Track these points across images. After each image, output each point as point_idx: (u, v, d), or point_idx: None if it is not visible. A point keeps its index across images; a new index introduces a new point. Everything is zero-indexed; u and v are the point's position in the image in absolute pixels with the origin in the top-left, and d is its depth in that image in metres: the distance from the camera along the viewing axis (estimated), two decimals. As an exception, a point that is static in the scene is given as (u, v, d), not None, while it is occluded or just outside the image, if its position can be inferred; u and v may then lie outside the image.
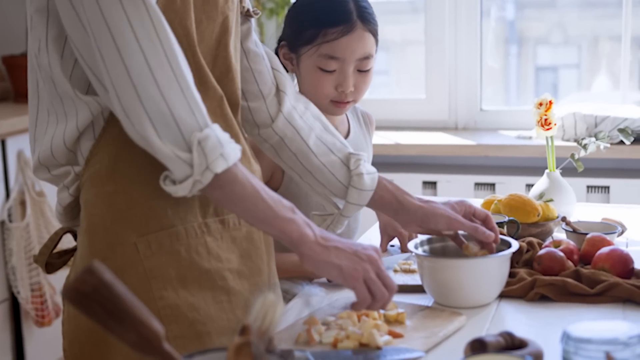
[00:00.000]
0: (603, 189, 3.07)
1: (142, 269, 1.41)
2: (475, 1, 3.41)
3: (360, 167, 1.67)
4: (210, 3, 1.47)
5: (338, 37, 1.83)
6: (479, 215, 1.67)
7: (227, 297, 1.48)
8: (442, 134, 3.40)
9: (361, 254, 1.38)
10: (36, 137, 1.47)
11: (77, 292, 1.01)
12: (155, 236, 1.42)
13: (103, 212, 1.42)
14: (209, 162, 1.29)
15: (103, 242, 1.42)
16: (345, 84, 1.86)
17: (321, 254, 1.36)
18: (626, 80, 3.32)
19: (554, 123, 2.13)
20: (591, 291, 1.61)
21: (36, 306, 2.99)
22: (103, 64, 1.30)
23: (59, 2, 1.34)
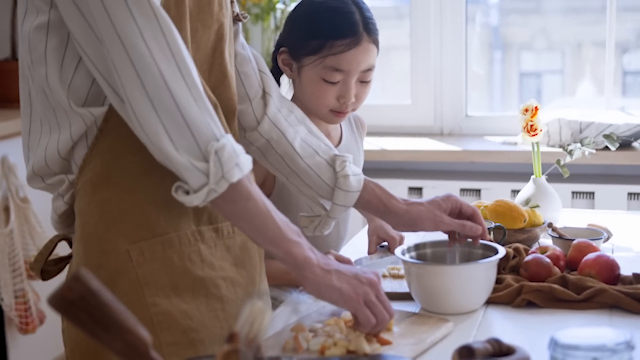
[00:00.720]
0: (588, 194, 3.08)
1: (134, 275, 1.41)
2: (460, 7, 3.42)
3: (346, 169, 1.67)
4: (206, 11, 1.48)
5: (345, 50, 1.81)
6: (465, 210, 1.68)
7: (221, 305, 1.47)
8: (427, 139, 3.41)
9: (361, 278, 1.40)
10: (30, 147, 1.47)
11: (64, 299, 1.00)
12: (148, 243, 1.42)
13: (96, 220, 1.42)
14: (225, 172, 1.30)
15: (96, 250, 1.42)
16: (347, 95, 1.86)
17: (323, 277, 1.37)
18: (610, 86, 3.33)
19: (540, 129, 2.13)
20: (578, 297, 1.61)
21: (20, 313, 2.97)
22: (118, 77, 1.31)
23: (70, 17, 1.34)
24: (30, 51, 1.41)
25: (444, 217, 1.65)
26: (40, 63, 1.40)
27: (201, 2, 1.47)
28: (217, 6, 1.50)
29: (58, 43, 1.39)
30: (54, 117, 1.42)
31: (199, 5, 1.46)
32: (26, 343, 3.09)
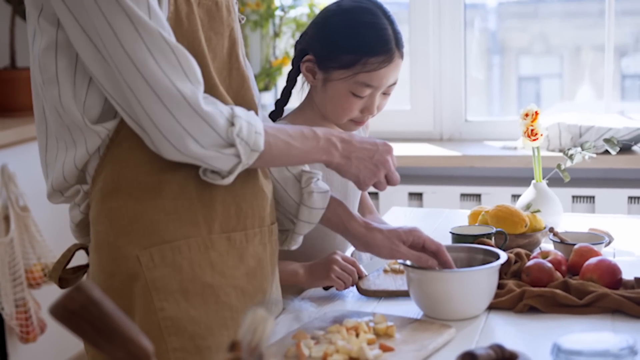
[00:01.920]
0: (588, 198, 3.08)
1: (144, 280, 1.43)
2: (458, 12, 3.43)
3: (312, 185, 1.67)
4: (216, 19, 1.49)
5: (379, 67, 1.80)
6: (429, 246, 1.65)
7: (230, 314, 1.48)
8: (427, 145, 3.41)
9: (376, 159, 1.58)
10: (47, 163, 1.51)
11: (65, 309, 0.99)
12: (158, 249, 1.44)
13: (107, 228, 1.45)
14: (252, 145, 1.40)
15: (109, 258, 1.45)
16: (372, 108, 1.85)
17: (344, 166, 1.55)
18: (609, 90, 3.34)
19: (540, 134, 2.13)
20: (580, 302, 1.61)
21: (21, 322, 2.96)
22: (133, 95, 1.35)
23: (76, 38, 1.38)
24: (41, 72, 1.44)
25: (400, 247, 1.64)
26: (52, 84, 1.43)
27: (210, 11, 1.48)
28: (225, 12, 1.51)
29: (68, 63, 1.42)
30: (69, 135, 1.46)
31: (209, 14, 1.48)
32: (27, 352, 3.09)
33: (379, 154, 1.59)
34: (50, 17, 1.41)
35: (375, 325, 1.50)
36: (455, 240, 1.90)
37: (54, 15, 1.40)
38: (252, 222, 1.54)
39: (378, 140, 1.61)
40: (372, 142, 1.59)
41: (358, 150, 1.56)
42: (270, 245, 1.60)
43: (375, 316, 1.54)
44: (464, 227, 1.94)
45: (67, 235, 1.57)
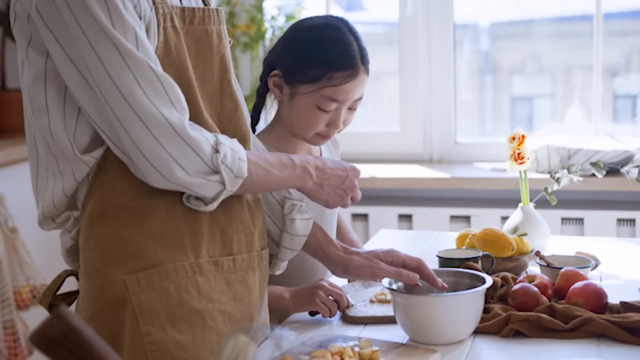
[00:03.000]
0: (577, 220, 3.09)
1: (131, 305, 1.44)
2: (448, 33, 3.44)
3: (294, 213, 1.69)
4: (205, 47, 1.51)
5: (344, 82, 1.82)
6: (408, 264, 1.68)
7: (216, 339, 1.48)
8: (417, 166, 3.41)
9: (346, 186, 1.66)
10: (38, 190, 1.52)
11: (45, 337, 0.99)
12: (145, 273, 1.45)
13: (95, 253, 1.46)
14: (236, 172, 1.44)
15: (96, 283, 1.46)
16: (337, 122, 1.87)
17: (316, 192, 1.63)
18: (598, 112, 3.35)
19: (527, 157, 2.14)
20: (565, 327, 1.61)
21: (9, 344, 2.95)
22: (120, 125, 1.37)
23: (63, 67, 1.39)
24: (31, 102, 1.46)
25: (379, 264, 1.67)
26: (41, 113, 1.45)
27: (199, 39, 1.50)
28: (216, 39, 1.53)
29: (57, 93, 1.43)
30: (56, 165, 1.47)
31: (198, 42, 1.50)
32: (15, 374, 3.07)
33: (349, 180, 1.67)
34: (39, 47, 1.42)
35: (361, 350, 1.50)
36: (441, 264, 1.90)
37: (42, 45, 1.41)
38: (238, 248, 1.55)
39: (347, 165, 1.68)
40: (342, 167, 1.66)
41: (330, 177, 1.64)
42: (260, 271, 1.60)
43: (360, 341, 1.53)
44: (450, 251, 1.94)
45: (56, 257, 1.58)
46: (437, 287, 1.66)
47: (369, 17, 4.00)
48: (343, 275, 1.71)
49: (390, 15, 3.61)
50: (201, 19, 1.51)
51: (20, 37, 1.45)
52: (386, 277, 1.66)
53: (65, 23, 1.36)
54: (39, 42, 1.42)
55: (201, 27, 1.51)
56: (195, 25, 1.50)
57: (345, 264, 1.69)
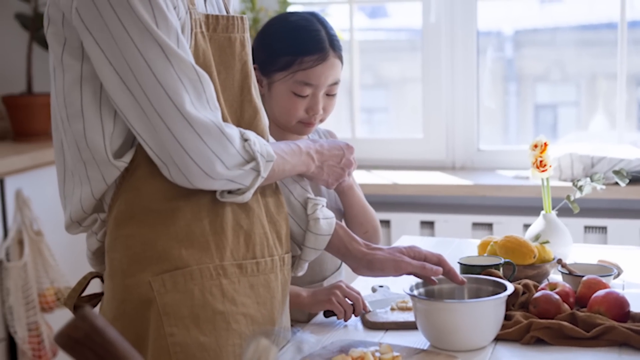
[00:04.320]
0: (600, 229, 3.07)
1: (155, 306, 1.45)
2: (471, 40, 3.44)
3: (317, 212, 1.69)
4: (227, 53, 1.54)
5: (313, 65, 1.90)
6: (430, 259, 1.70)
7: (239, 341, 1.49)
8: (439, 173, 3.41)
9: (342, 164, 1.74)
10: (65, 195, 1.54)
11: (69, 338, 1.00)
12: (170, 275, 1.46)
13: (121, 255, 1.48)
14: (266, 156, 1.49)
15: (122, 285, 1.48)
16: (316, 107, 1.93)
17: (317, 174, 1.71)
18: (622, 120, 3.33)
19: (549, 165, 2.14)
20: (587, 335, 1.61)
21: (33, 346, 2.98)
22: (163, 124, 1.40)
23: (103, 72, 1.41)
24: (66, 107, 1.47)
25: (404, 258, 1.68)
26: (76, 118, 1.46)
27: (222, 45, 1.52)
28: (239, 46, 1.55)
29: (92, 97, 1.45)
30: (84, 171, 1.49)
31: (220, 48, 1.53)
32: (38, 376, 3.09)
33: (345, 158, 1.76)
34: (74, 52, 1.44)
35: (381, 356, 1.50)
36: (463, 271, 1.90)
37: (77, 49, 1.43)
38: (261, 251, 1.56)
39: (342, 142, 1.78)
40: (338, 146, 1.75)
41: (329, 158, 1.72)
42: (282, 275, 1.61)
43: (381, 346, 1.54)
44: (472, 258, 1.95)
45: (80, 260, 1.59)
46: (457, 281, 1.68)
47: (393, 24, 4.01)
48: (366, 272, 1.71)
49: (414, 22, 3.62)
50: (225, 27, 1.53)
51: (54, 42, 1.47)
52: (410, 271, 1.67)
53: (107, 24, 1.38)
54: (74, 46, 1.44)
55: (224, 35, 1.53)
56: (218, 32, 1.52)
57: (369, 259, 1.69)
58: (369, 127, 3.98)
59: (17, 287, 2.94)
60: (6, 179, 2.96)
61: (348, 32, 3.60)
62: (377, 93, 4.06)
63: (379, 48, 3.93)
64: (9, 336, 3.00)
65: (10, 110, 3.41)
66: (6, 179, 2.96)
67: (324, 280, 2.04)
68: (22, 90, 3.50)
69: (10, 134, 3.52)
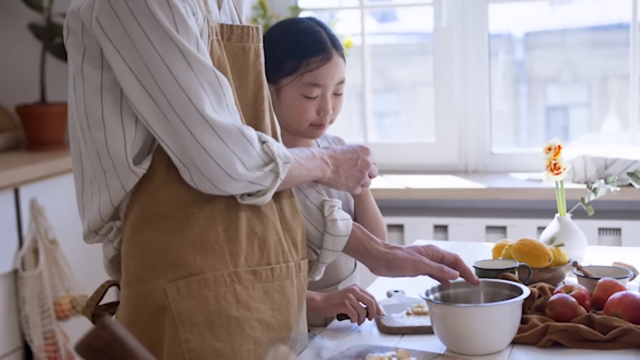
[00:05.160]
0: (615, 230, 3.07)
1: (170, 312, 1.46)
2: (483, 43, 3.44)
3: (335, 214, 1.71)
4: (240, 62, 1.55)
5: (320, 65, 1.93)
6: (447, 259, 1.71)
7: (254, 347, 1.50)
8: (452, 177, 3.41)
9: (359, 165, 1.74)
10: (84, 204, 1.56)
11: (90, 347, 1.01)
12: (184, 281, 1.47)
13: (135, 262, 1.49)
14: (283, 157, 1.51)
15: (136, 292, 1.49)
16: (326, 107, 1.95)
17: (334, 179, 1.71)
18: (635, 121, 3.33)
19: (564, 167, 2.14)
20: (604, 337, 1.61)
21: (49, 354, 2.99)
22: (185, 128, 1.42)
23: (124, 78, 1.43)
24: (87, 115, 1.48)
25: (423, 259, 1.69)
26: (97, 126, 1.48)
27: (235, 54, 1.53)
28: (253, 56, 1.56)
29: (113, 104, 1.47)
30: (104, 179, 1.50)
31: (234, 57, 1.54)
32: (55, 384, 3.11)
33: (361, 159, 1.76)
34: (94, 61, 1.45)
35: (398, 360, 1.51)
36: (478, 275, 1.89)
37: (97, 59, 1.45)
38: (276, 258, 1.56)
39: (355, 145, 1.78)
40: (351, 150, 1.76)
41: (343, 162, 1.73)
42: (298, 281, 1.61)
43: (398, 351, 1.54)
44: (487, 262, 1.94)
45: (95, 268, 1.61)
46: (473, 282, 1.69)
47: (404, 28, 4.02)
48: (385, 272, 1.72)
49: (425, 26, 3.62)
50: (239, 36, 1.54)
51: (74, 52, 1.48)
52: (428, 272, 1.68)
53: (127, 32, 1.40)
54: (94, 55, 1.45)
55: (238, 44, 1.54)
56: (232, 41, 1.54)
57: (388, 258, 1.70)
58: (379, 132, 3.98)
59: (33, 296, 2.95)
60: (21, 188, 2.97)
61: (359, 36, 3.60)
62: (388, 97, 4.07)
63: (389, 52, 3.93)
64: (25, 345, 3.02)
65: (24, 120, 3.43)
66: (21, 188, 2.97)
67: (338, 283, 2.05)
68: (36, 99, 3.52)
69: (24, 143, 3.54)
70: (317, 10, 3.78)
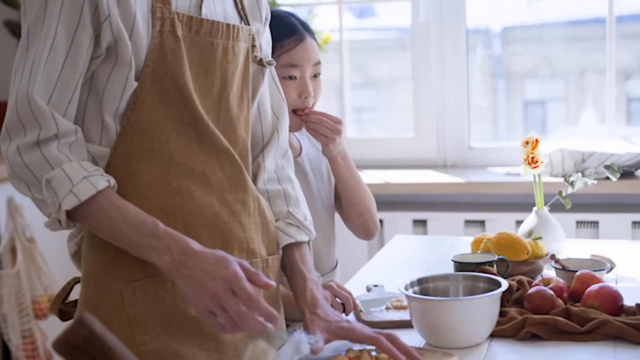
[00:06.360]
0: (592, 223, 3.09)
1: (125, 315, 1.45)
2: (460, 38, 3.45)
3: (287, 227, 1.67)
4: (207, 57, 1.52)
5: (294, 46, 2.00)
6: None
7: (215, 345, 1.48)
8: (431, 172, 3.42)
9: (207, 285, 1.33)
10: None
11: (68, 344, 1.01)
12: (140, 283, 1.46)
13: (94, 261, 1.47)
14: (60, 200, 1.37)
15: (94, 290, 1.47)
16: (307, 89, 2.00)
17: (179, 283, 1.36)
18: (612, 115, 3.35)
19: (541, 161, 2.15)
20: (581, 329, 1.61)
21: (27, 353, 2.97)
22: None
23: None
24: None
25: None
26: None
27: (203, 49, 1.51)
28: (221, 53, 1.53)
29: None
30: None
31: (201, 51, 1.51)
32: (34, 383, 3.09)
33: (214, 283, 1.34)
34: None
35: (378, 355, 1.51)
36: (457, 269, 1.91)
37: None
38: (239, 255, 1.55)
39: (230, 258, 1.37)
40: (217, 257, 1.37)
41: (194, 267, 1.36)
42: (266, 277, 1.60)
43: (377, 346, 1.54)
44: (466, 255, 1.95)
45: (73, 267, 1.59)
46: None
47: (382, 24, 4.02)
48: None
49: (403, 21, 3.63)
50: (208, 31, 1.51)
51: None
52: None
53: None
54: None
55: (207, 39, 1.51)
56: (201, 35, 1.50)
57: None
58: (359, 127, 3.99)
59: (11, 295, 2.93)
60: (-2, 186, 2.95)
61: (337, 32, 3.60)
62: (367, 92, 4.07)
63: (367, 48, 3.94)
64: (3, 344, 3.00)
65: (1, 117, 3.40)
66: (-2, 186, 2.95)
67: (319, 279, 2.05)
68: (12, 97, 3.48)
69: (0, 141, 3.51)
70: (295, 5, 3.77)
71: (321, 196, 2.09)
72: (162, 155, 1.47)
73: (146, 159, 1.46)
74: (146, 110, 1.45)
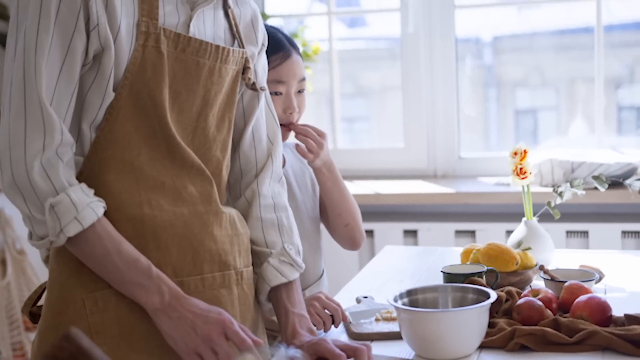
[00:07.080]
0: (582, 233, 3.10)
1: (87, 324, 1.46)
2: (450, 48, 3.46)
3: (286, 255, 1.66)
4: (192, 76, 1.52)
5: (281, 62, 2.01)
6: None
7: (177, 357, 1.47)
8: (421, 182, 3.42)
9: (200, 327, 1.42)
10: None
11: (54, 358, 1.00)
12: (102, 294, 1.47)
13: (60, 268, 1.49)
14: (63, 226, 1.38)
15: (59, 297, 1.48)
16: (291, 105, 2.02)
17: (164, 324, 1.43)
18: (601, 124, 3.36)
19: (530, 172, 2.15)
20: (570, 340, 1.62)
21: (18, 365, 2.97)
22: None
23: None
24: None
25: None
26: None
27: (188, 67, 1.50)
28: (206, 73, 1.53)
29: None
30: None
31: (185, 69, 1.51)
32: (24, 395, 3.08)
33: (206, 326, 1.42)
34: None
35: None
36: (446, 280, 1.91)
37: None
38: (210, 267, 1.55)
39: (215, 310, 1.45)
40: (202, 308, 1.45)
41: (184, 311, 1.43)
42: (240, 289, 1.60)
43: (366, 357, 1.54)
44: (455, 266, 1.96)
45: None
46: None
47: (371, 33, 4.03)
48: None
49: (393, 31, 3.64)
50: (195, 50, 1.51)
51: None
52: None
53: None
54: None
55: (193, 58, 1.51)
56: (187, 53, 1.50)
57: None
58: (350, 137, 3.99)
59: (1, 307, 2.93)
60: (-12, 198, 2.95)
61: (327, 42, 3.61)
62: (358, 102, 4.08)
63: (358, 57, 3.95)
64: (-6, 356, 2.99)
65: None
66: (-12, 198, 2.95)
67: (305, 289, 2.05)
68: (2, 108, 3.48)
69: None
70: (286, 16, 3.78)
71: (306, 207, 2.10)
72: (133, 167, 1.48)
73: (117, 169, 1.47)
74: (120, 121, 1.45)
